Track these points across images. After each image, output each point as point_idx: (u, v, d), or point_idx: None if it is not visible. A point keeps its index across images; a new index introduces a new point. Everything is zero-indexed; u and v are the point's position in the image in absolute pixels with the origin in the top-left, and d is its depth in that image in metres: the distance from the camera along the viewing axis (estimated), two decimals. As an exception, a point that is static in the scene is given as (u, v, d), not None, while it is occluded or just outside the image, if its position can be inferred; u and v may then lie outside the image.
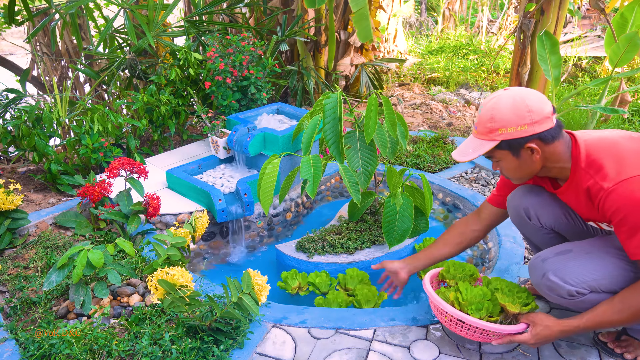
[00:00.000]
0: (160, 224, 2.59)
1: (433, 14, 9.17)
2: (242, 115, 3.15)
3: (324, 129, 2.22)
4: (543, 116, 1.47)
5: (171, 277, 1.59)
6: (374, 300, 2.13)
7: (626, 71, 4.10)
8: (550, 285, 1.57)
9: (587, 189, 1.50)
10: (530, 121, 1.47)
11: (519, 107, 1.47)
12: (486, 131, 1.52)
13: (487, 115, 1.51)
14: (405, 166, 3.28)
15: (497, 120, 1.49)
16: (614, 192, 1.41)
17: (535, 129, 1.47)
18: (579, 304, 1.56)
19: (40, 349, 1.60)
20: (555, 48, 3.17)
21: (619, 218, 1.43)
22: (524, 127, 1.47)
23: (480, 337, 1.62)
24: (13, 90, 3.07)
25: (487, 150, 1.53)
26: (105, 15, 4.01)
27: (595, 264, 1.54)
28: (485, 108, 1.53)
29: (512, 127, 1.48)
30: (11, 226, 2.32)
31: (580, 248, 1.60)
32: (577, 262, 1.56)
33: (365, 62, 4.75)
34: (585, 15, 7.65)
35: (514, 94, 1.50)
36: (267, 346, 1.76)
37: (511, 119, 1.47)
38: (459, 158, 1.57)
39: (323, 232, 2.54)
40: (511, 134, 1.48)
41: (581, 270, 1.54)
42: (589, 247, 1.60)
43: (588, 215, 1.62)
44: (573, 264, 1.56)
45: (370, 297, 2.13)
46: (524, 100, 1.47)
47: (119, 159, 2.33)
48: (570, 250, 1.60)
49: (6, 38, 6.55)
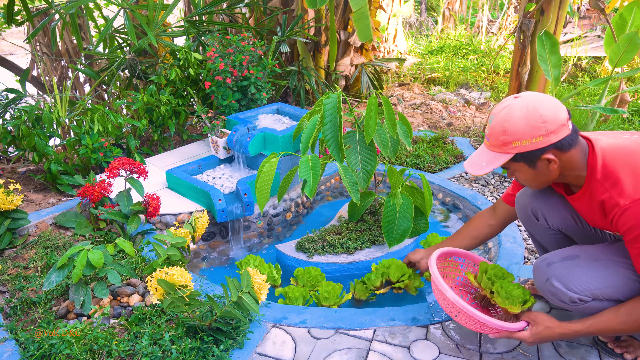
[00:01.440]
0: (160, 224, 2.59)
1: (433, 14, 9.17)
2: (242, 115, 3.15)
3: (323, 129, 2.23)
4: (559, 125, 1.40)
5: (171, 277, 1.59)
6: (333, 299, 2.10)
7: (626, 71, 4.10)
8: (554, 291, 1.55)
9: (601, 201, 1.45)
10: (546, 132, 1.39)
11: (532, 117, 1.39)
12: (499, 144, 1.46)
13: (500, 127, 1.44)
14: (405, 166, 3.28)
15: (511, 133, 1.42)
16: (629, 209, 1.37)
17: (552, 139, 1.40)
18: (580, 309, 1.54)
19: (40, 349, 1.60)
20: (555, 48, 3.17)
21: (633, 235, 1.40)
22: (539, 138, 1.40)
23: (479, 329, 1.62)
24: (13, 90, 3.07)
25: (500, 163, 1.47)
26: (105, 15, 4.01)
27: (600, 272, 1.51)
28: (497, 119, 1.46)
29: (527, 140, 1.41)
30: (11, 226, 2.33)
31: (587, 254, 1.56)
32: (583, 269, 1.52)
33: (365, 62, 4.75)
34: (585, 15, 7.65)
35: (526, 102, 1.42)
36: (267, 346, 1.76)
37: (525, 131, 1.40)
38: (473, 172, 1.51)
39: (323, 232, 2.54)
40: (526, 147, 1.41)
41: (586, 278, 1.51)
42: (596, 254, 1.56)
43: (599, 224, 1.59)
44: (579, 271, 1.52)
45: (332, 295, 2.09)
46: (537, 110, 1.40)
47: (119, 159, 2.33)
48: (578, 256, 1.56)
49: (6, 38, 6.55)
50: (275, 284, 2.25)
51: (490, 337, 1.79)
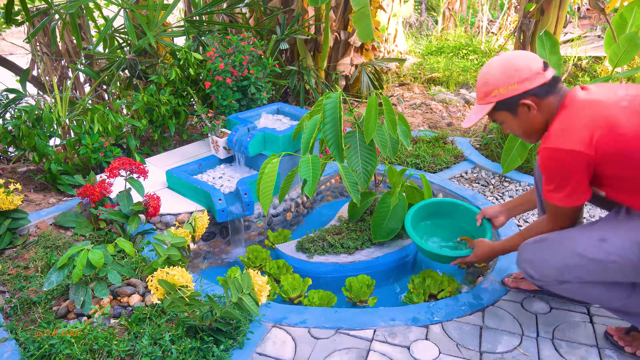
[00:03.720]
0: (160, 224, 2.59)
1: (433, 14, 9.17)
2: (242, 115, 3.14)
3: (323, 129, 2.23)
4: (532, 73, 1.55)
5: (171, 277, 1.59)
6: (299, 289, 2.22)
7: (626, 71, 4.10)
8: (526, 271, 1.69)
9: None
10: (519, 79, 1.55)
11: (507, 67, 1.57)
12: (482, 95, 1.64)
13: (482, 80, 1.63)
14: (405, 166, 3.28)
15: (490, 84, 1.60)
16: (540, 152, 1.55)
17: (526, 86, 1.55)
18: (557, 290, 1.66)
19: (40, 349, 1.60)
20: (555, 48, 3.17)
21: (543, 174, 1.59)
22: (514, 85, 1.56)
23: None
24: (13, 90, 3.07)
25: (485, 112, 1.63)
26: (105, 15, 4.01)
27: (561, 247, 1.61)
28: (480, 74, 1.65)
29: (504, 88, 1.57)
30: (11, 226, 2.33)
31: (556, 235, 1.65)
32: (549, 249, 1.63)
33: (365, 62, 4.75)
34: (585, 15, 7.65)
35: (503, 57, 1.60)
36: (267, 346, 1.76)
37: (502, 80, 1.57)
38: (465, 124, 1.68)
39: (323, 232, 2.54)
40: (504, 94, 1.58)
41: (549, 255, 1.62)
42: (564, 232, 1.65)
43: None
44: (545, 252, 1.63)
45: (296, 285, 2.22)
46: (510, 61, 1.57)
47: (119, 159, 2.33)
48: (546, 238, 1.67)
49: (6, 38, 6.54)
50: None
51: (490, 337, 1.80)
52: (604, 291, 1.60)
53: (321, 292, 2.16)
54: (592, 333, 1.82)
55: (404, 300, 2.20)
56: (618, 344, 1.73)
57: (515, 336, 1.82)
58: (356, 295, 2.19)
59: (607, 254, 1.50)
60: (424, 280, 2.22)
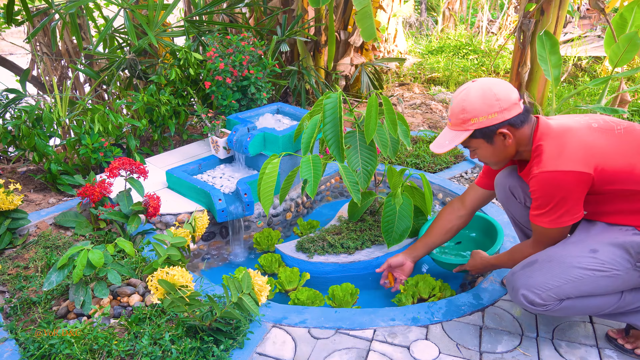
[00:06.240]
0: (160, 224, 2.59)
1: (433, 14, 9.17)
2: (242, 115, 3.14)
3: (324, 129, 2.22)
4: (511, 103, 1.57)
5: (171, 277, 1.59)
6: (296, 281, 2.27)
7: (626, 71, 4.10)
8: (522, 301, 1.63)
9: (530, 172, 1.61)
10: (500, 109, 1.57)
11: (488, 96, 1.57)
12: (459, 122, 1.63)
13: (459, 107, 1.61)
14: (405, 166, 3.28)
15: (469, 111, 1.59)
16: (536, 177, 1.55)
17: (505, 116, 1.57)
18: (553, 313, 1.63)
19: (40, 349, 1.60)
20: (555, 48, 3.17)
21: (534, 198, 1.60)
22: (494, 115, 1.57)
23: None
24: (13, 90, 3.07)
25: (462, 140, 1.63)
26: (105, 15, 4.01)
27: (555, 270, 1.59)
28: (456, 100, 1.63)
29: (484, 116, 1.58)
30: (11, 226, 2.33)
31: (544, 256, 1.64)
32: (541, 271, 1.61)
33: (365, 62, 4.75)
34: (585, 15, 7.65)
35: (481, 84, 1.60)
36: (267, 346, 1.76)
37: (482, 109, 1.57)
38: (437, 150, 1.66)
39: (323, 232, 2.54)
40: (483, 123, 1.59)
41: (544, 279, 1.59)
42: (552, 253, 1.64)
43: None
44: (537, 274, 1.61)
45: (293, 278, 2.28)
46: (491, 90, 1.57)
47: (119, 159, 2.33)
48: (536, 260, 1.65)
49: (6, 38, 6.54)
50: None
51: (490, 337, 1.81)
52: (600, 299, 1.61)
53: (311, 290, 2.17)
54: (592, 333, 1.82)
55: (394, 300, 2.20)
56: (620, 344, 1.74)
57: (515, 336, 1.82)
58: (339, 305, 2.16)
59: (602, 263, 1.53)
60: (416, 284, 2.21)
